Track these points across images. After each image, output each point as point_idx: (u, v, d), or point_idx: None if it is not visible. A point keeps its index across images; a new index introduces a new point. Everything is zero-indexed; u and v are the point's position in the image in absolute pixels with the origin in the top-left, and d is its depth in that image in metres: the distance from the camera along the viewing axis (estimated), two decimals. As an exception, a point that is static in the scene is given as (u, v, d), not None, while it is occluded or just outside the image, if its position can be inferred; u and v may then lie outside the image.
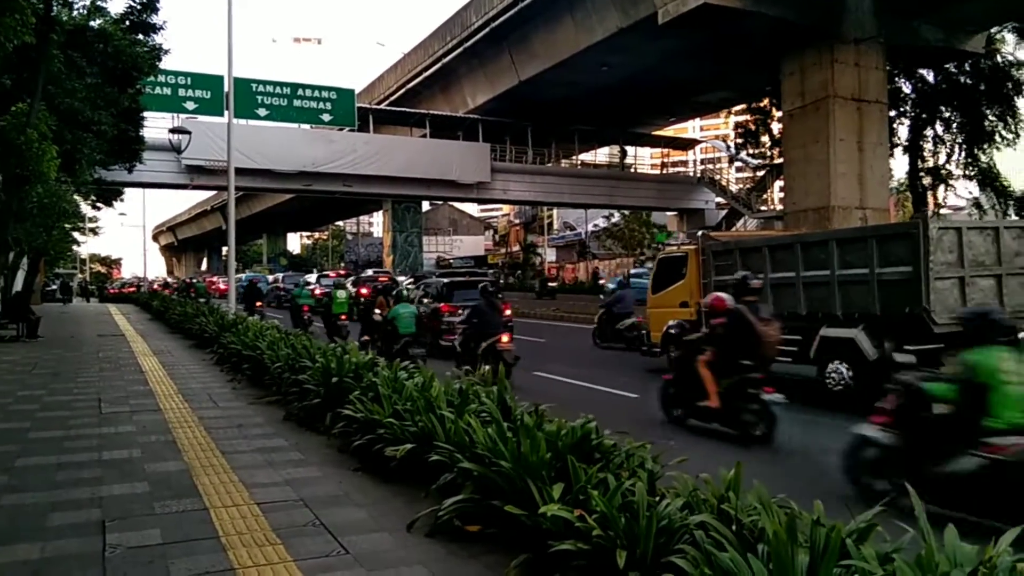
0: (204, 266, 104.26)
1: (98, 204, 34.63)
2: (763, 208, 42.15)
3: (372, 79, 51.50)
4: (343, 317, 19.42)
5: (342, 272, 43.48)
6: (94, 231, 53.71)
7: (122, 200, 35.82)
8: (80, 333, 20.39)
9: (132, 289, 54.53)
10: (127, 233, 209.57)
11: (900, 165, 37.90)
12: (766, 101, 38.10)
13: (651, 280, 14.84)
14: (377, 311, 15.14)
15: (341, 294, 20.01)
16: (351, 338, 15.71)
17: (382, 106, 45.77)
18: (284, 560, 3.97)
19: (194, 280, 52.35)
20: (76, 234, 40.51)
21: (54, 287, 47.18)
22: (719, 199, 47.57)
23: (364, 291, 24.82)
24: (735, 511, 3.32)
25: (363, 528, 4.50)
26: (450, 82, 42.98)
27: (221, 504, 4.92)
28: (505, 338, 11.78)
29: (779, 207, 38.15)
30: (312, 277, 37.93)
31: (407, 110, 44.21)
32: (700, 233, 14.57)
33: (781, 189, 35.80)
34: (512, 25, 34.71)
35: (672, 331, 12.89)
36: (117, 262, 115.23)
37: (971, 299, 9.11)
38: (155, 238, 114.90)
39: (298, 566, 3.89)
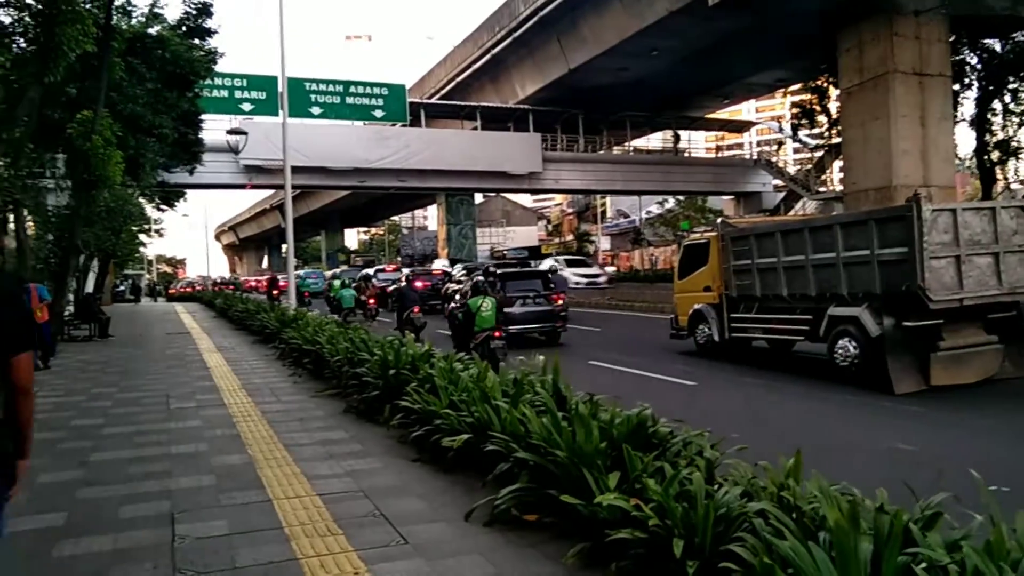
0: (265, 263, 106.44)
1: (162, 206, 35.68)
2: (822, 189, 41.13)
3: (423, 74, 51.76)
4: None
5: (396, 266, 44.13)
6: (159, 232, 55.42)
7: (184, 201, 36.78)
8: (148, 332, 21.05)
9: (190, 289, 57.25)
10: (191, 233, 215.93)
11: (967, 140, 36.46)
12: (823, 79, 37.11)
13: (677, 266, 15.50)
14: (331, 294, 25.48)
15: (336, 283, 27.32)
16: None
17: (433, 100, 45.96)
18: (345, 550, 4.05)
19: (234, 278, 63.55)
20: (142, 236, 41.78)
21: (123, 288, 48.78)
22: (777, 181, 46.59)
23: (419, 284, 26.47)
24: (795, 499, 3.26)
25: (422, 518, 4.56)
26: (499, 73, 42.94)
27: (284, 496, 5.04)
28: (416, 309, 16.65)
29: (839, 188, 37.18)
30: (370, 271, 38.82)
31: (458, 103, 44.32)
32: (720, 220, 14.94)
33: (841, 169, 34.88)
34: (560, 12, 34.49)
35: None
36: (182, 262, 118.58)
37: (967, 276, 9.58)
38: (217, 237, 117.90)
39: (359, 556, 3.96)
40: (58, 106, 14.61)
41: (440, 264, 38.51)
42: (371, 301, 24.49)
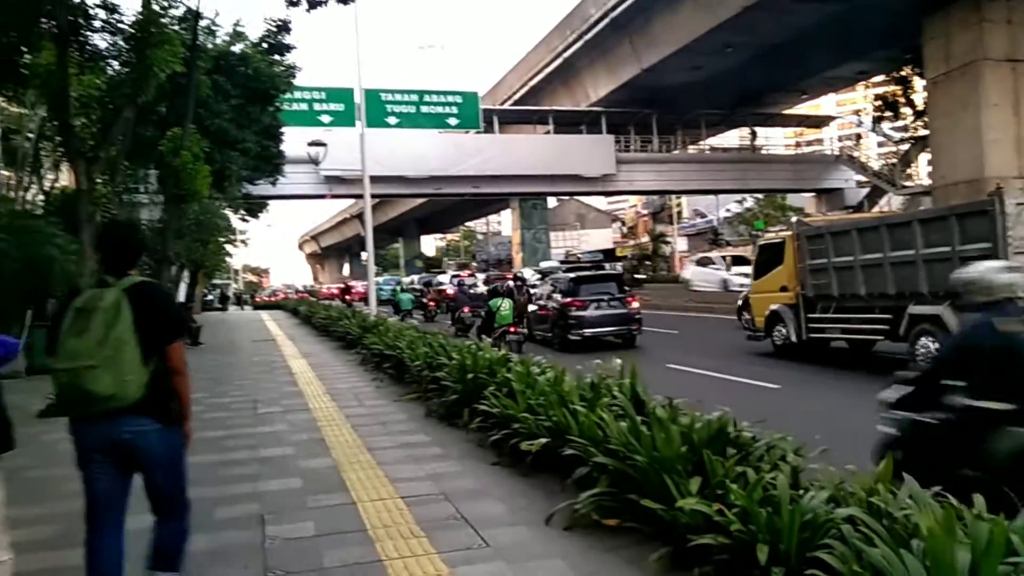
0: (346, 271, 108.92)
1: (246, 217, 36.91)
2: (908, 184, 39.58)
3: (495, 81, 52.20)
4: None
5: (470, 272, 44.60)
6: (244, 242, 57.44)
7: (267, 212, 37.98)
8: (236, 339, 21.79)
9: (275, 298, 60.60)
10: (274, 243, 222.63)
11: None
12: (907, 70, 35.74)
13: (753, 267, 15.59)
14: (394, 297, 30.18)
15: (397, 288, 32.54)
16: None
17: (506, 106, 46.28)
18: (428, 552, 4.12)
19: (312, 287, 71.37)
20: (228, 246, 43.31)
21: (211, 297, 50.74)
22: (860, 177, 45.05)
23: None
24: (886, 505, 3.16)
25: (502, 521, 4.60)
26: (571, 76, 42.92)
27: (368, 498, 5.15)
28: (466, 309, 20.17)
29: (926, 182, 35.73)
30: (445, 277, 39.45)
31: (530, 108, 44.49)
32: (795, 219, 14.91)
33: (928, 163, 33.53)
34: (632, 13, 34.27)
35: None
36: (266, 271, 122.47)
37: None
38: (300, 247, 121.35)
39: (442, 558, 4.03)
40: (150, 124, 15.31)
41: (547, 265, 38.86)
42: (431, 303, 28.18)
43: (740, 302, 17.38)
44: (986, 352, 3.79)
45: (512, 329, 13.95)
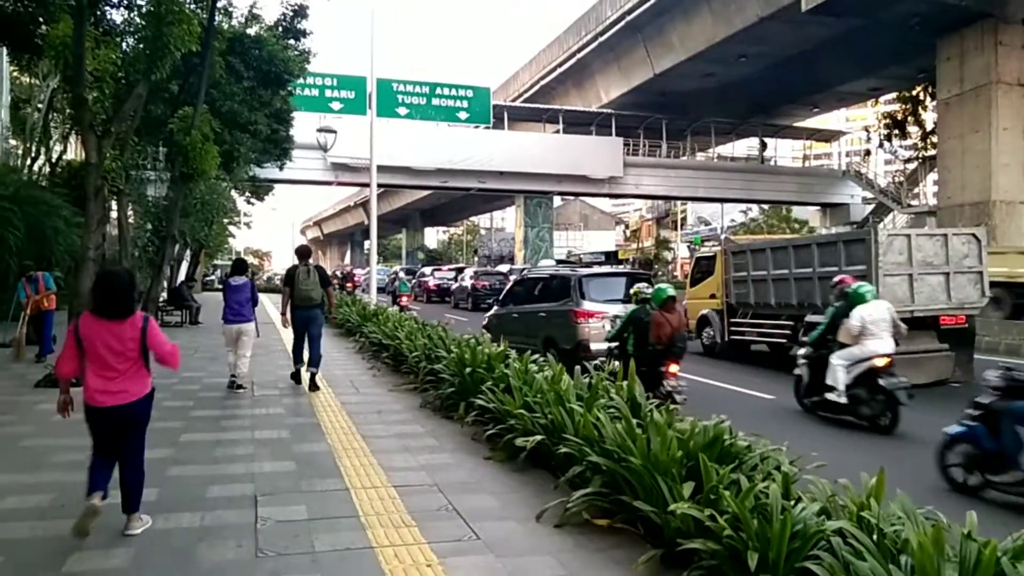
0: (347, 259, 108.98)
1: (251, 200, 36.90)
2: (914, 203, 39.60)
3: (507, 77, 52.17)
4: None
5: (451, 268, 44.35)
6: (247, 225, 57.32)
7: (273, 195, 38.00)
8: (235, 320, 21.72)
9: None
10: (277, 227, 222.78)
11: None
12: (919, 89, 35.71)
13: (689, 276, 17.34)
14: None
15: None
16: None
17: (516, 103, 46.25)
18: (419, 542, 4.14)
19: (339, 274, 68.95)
20: (231, 227, 43.26)
21: (213, 277, 50.79)
22: (866, 193, 45.06)
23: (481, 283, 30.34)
24: (876, 519, 3.18)
25: (493, 515, 4.63)
26: (584, 77, 42.92)
27: (361, 485, 5.18)
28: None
29: (932, 202, 35.73)
30: (427, 270, 40.48)
31: (541, 106, 44.46)
32: (724, 237, 16.23)
33: (935, 183, 33.55)
34: (647, 17, 34.26)
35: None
36: (268, 254, 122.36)
37: (919, 292, 11.04)
38: (303, 232, 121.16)
39: (432, 548, 4.05)
40: (160, 102, 15.29)
41: (545, 263, 39.12)
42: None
43: None
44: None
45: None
